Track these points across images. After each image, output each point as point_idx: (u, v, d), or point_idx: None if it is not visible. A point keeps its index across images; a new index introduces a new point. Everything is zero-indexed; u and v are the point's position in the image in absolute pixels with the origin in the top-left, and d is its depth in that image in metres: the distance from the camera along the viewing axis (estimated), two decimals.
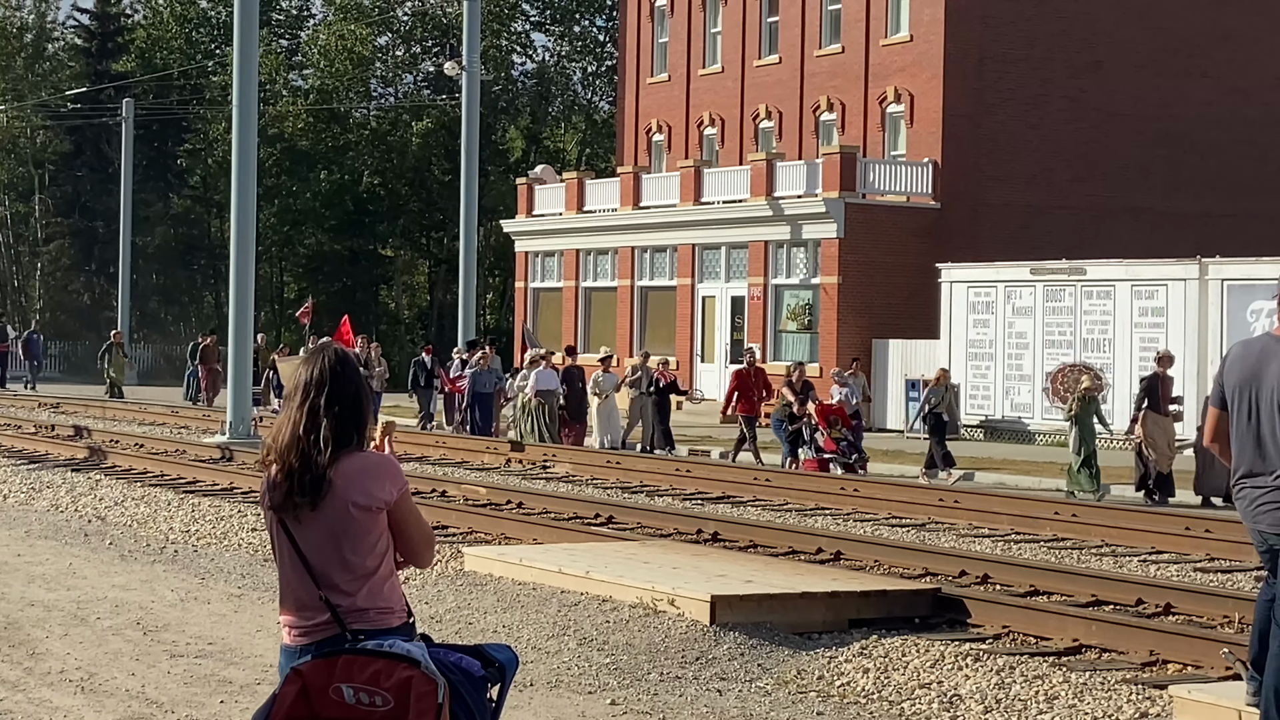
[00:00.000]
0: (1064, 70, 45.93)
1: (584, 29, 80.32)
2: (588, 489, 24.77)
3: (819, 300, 43.57)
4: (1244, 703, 8.70)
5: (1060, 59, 45.88)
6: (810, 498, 22.95)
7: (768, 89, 50.87)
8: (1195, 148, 47.50)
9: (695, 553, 15.29)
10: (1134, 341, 35.15)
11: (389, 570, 5.59)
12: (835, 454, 28.67)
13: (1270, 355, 8.12)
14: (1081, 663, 11.35)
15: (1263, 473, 8.10)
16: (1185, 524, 19.20)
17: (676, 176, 48.84)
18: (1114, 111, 46.54)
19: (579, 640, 11.74)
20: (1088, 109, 46.32)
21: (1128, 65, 46.57)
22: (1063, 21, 45.87)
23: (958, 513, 20.97)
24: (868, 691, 10.60)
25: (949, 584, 14.35)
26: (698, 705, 10.16)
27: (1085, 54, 46.15)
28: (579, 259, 52.39)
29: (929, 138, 44.99)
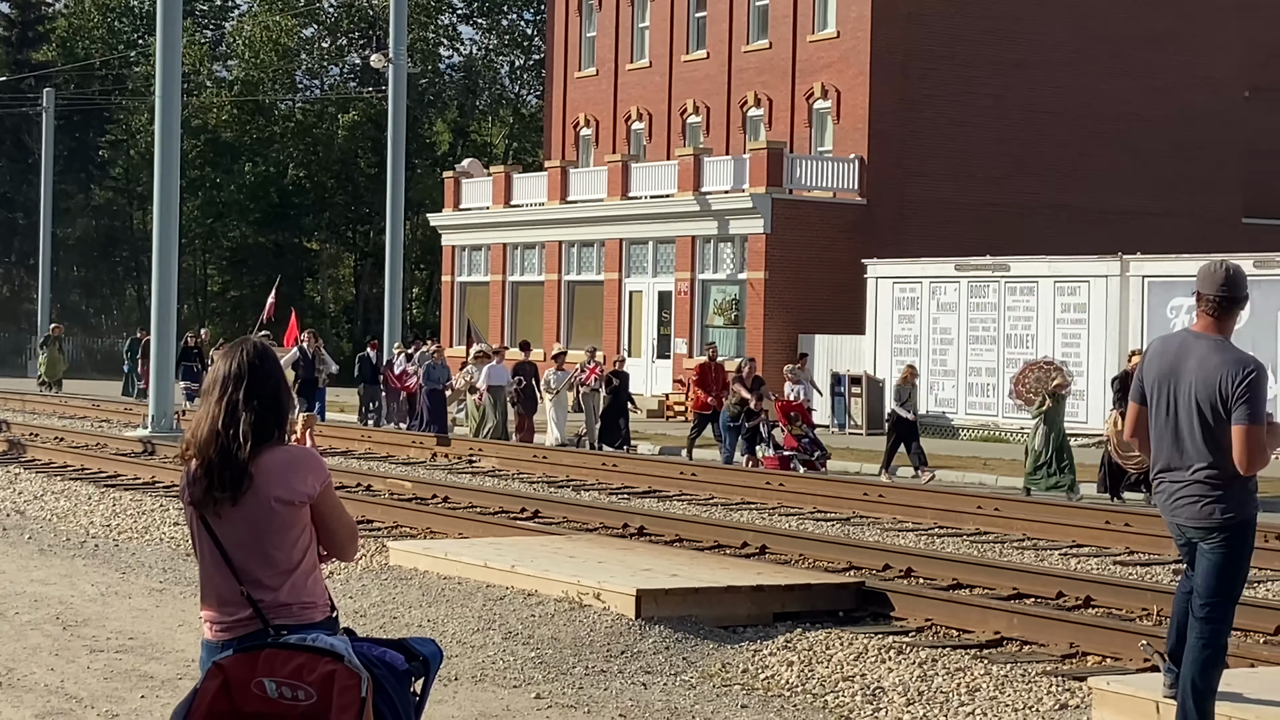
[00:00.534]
0: (989, 68, 46.23)
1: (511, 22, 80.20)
2: (514, 483, 24.74)
3: (745, 295, 43.69)
4: (1161, 694, 8.79)
5: (985, 57, 46.18)
6: (736, 492, 23.01)
7: (695, 84, 50.94)
8: (1117, 146, 47.94)
9: (621, 547, 15.31)
10: (1056, 337, 35.44)
11: (312, 565, 5.56)
12: (796, 451, 28.21)
13: (1188, 351, 8.21)
14: (1003, 655, 11.44)
15: (1180, 467, 8.18)
16: (1105, 518, 19.38)
17: (604, 171, 48.85)
18: (1038, 109, 46.90)
19: (504, 634, 11.73)
20: (1012, 107, 46.65)
21: (1051, 64, 46.94)
22: (988, 20, 46.18)
23: (882, 507, 21.09)
24: (792, 684, 10.65)
25: (873, 578, 14.43)
26: (623, 699, 10.17)
27: (1010, 52, 46.47)
28: (506, 253, 52.30)
29: (855, 134, 45.18)
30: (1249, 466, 7.98)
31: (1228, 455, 7.99)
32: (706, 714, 9.82)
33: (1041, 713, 9.80)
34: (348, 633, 5.51)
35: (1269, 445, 8.06)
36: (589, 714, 9.76)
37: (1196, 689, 8.15)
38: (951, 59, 45.72)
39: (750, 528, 17.99)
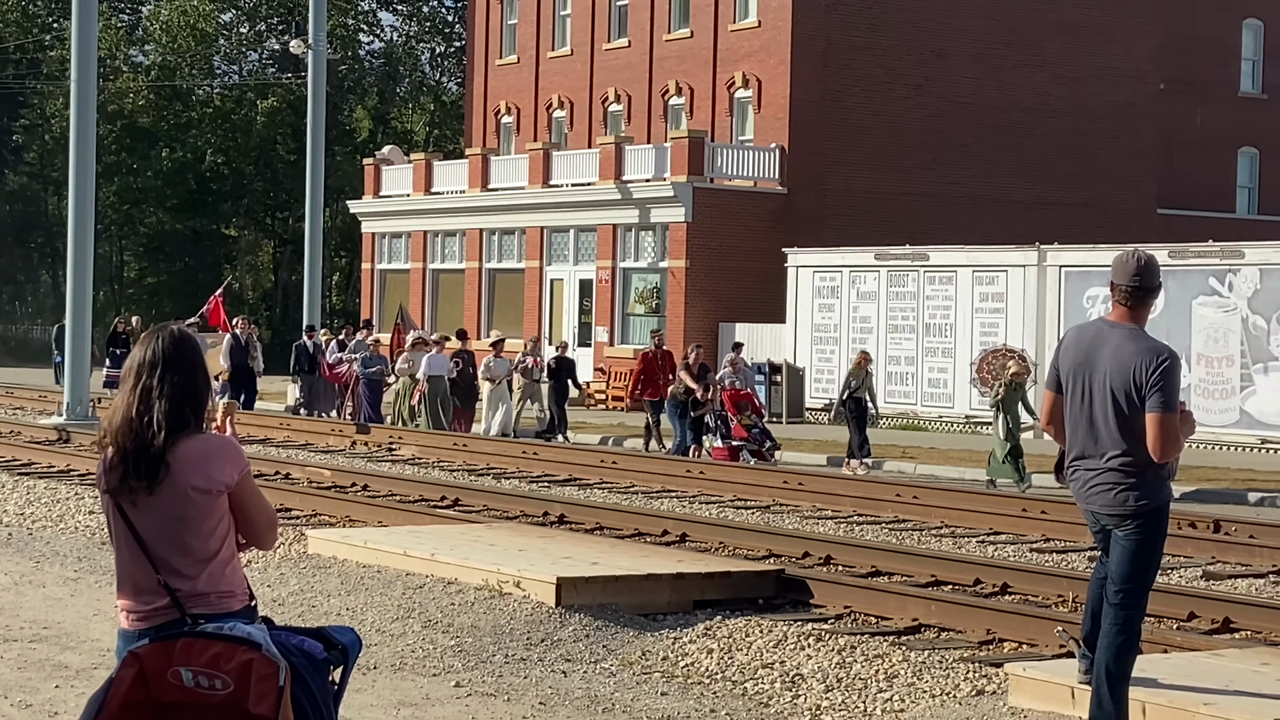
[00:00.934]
0: (908, 59, 46.48)
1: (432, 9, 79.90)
2: (434, 471, 24.68)
3: (667, 284, 43.73)
4: (1076, 680, 8.88)
5: (905, 47, 46.42)
6: (656, 480, 23.04)
7: (617, 72, 50.92)
8: (1035, 137, 48.33)
9: (541, 535, 15.30)
10: (975, 326, 35.70)
11: (230, 553, 5.53)
12: (746, 441, 27.70)
13: (1103, 340, 8.29)
14: (921, 642, 11.52)
15: (1094, 455, 8.27)
16: (1023, 506, 19.54)
17: (525, 159, 48.76)
18: (956, 100, 47.20)
19: (424, 623, 11.70)
20: (931, 97, 46.92)
21: (969, 55, 47.25)
22: (907, 10, 46.41)
23: (801, 495, 21.17)
24: (711, 672, 10.68)
25: (792, 565, 14.48)
26: (542, 687, 10.17)
27: (929, 43, 46.73)
28: (426, 241, 52.13)
29: (776, 123, 45.31)
30: (1162, 454, 8.07)
31: (1142, 443, 8.08)
32: (626, 702, 9.84)
33: (958, 698, 9.88)
34: (266, 621, 5.48)
35: (1182, 433, 8.15)
36: (509, 702, 9.75)
37: (1111, 674, 8.24)
38: (872, 49, 45.93)
39: (671, 516, 18.02)
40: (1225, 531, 17.67)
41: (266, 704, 5.17)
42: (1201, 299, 31.80)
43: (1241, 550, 16.50)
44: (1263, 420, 30.58)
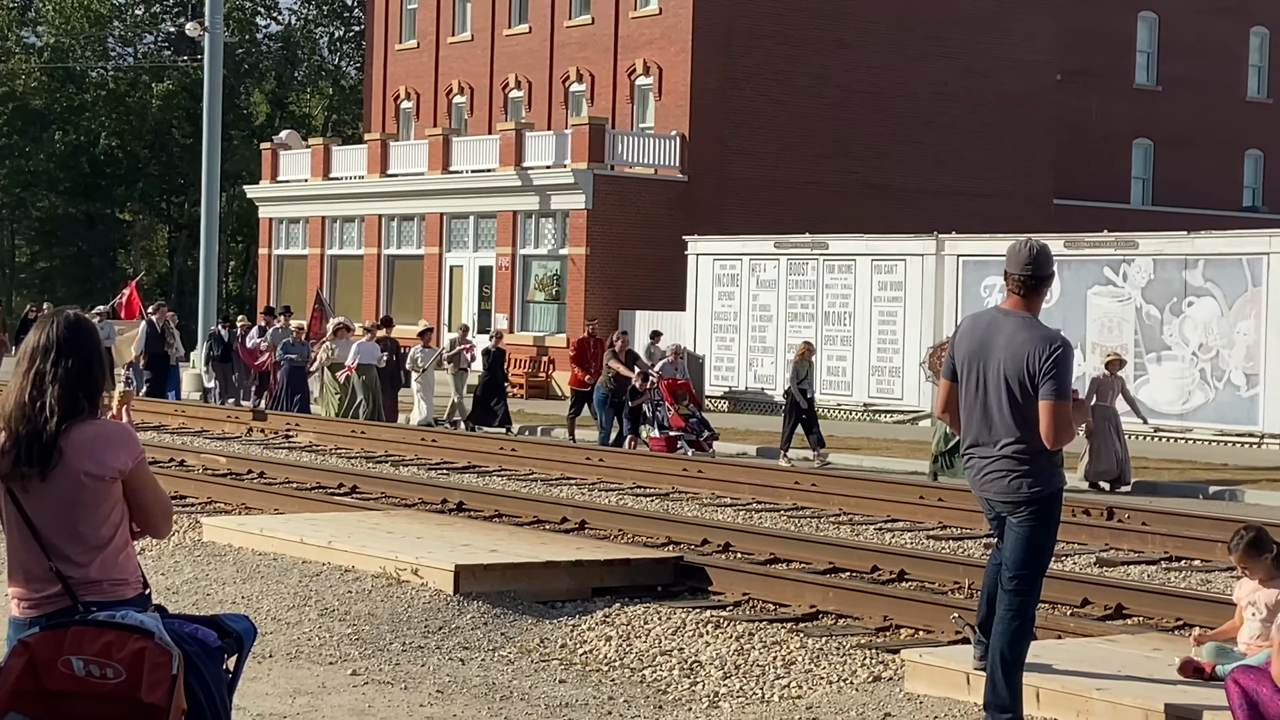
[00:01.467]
0: (809, 47, 46.66)
1: None
2: (331, 459, 24.52)
3: (567, 271, 43.69)
4: (971, 665, 8.95)
5: (806, 36, 46.60)
6: (556, 468, 23.02)
7: (518, 58, 50.77)
8: (933, 127, 48.68)
9: (440, 522, 15.24)
10: (873, 315, 35.92)
11: (124, 541, 5.47)
12: (684, 431, 27.09)
13: (997, 328, 8.36)
14: (818, 628, 11.57)
15: (989, 442, 8.33)
16: (920, 493, 19.69)
17: (425, 145, 48.54)
18: (856, 89, 47.45)
19: (320, 611, 11.62)
20: (831, 86, 47.14)
21: (870, 44, 47.51)
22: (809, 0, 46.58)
23: (701, 482, 21.22)
24: (610, 659, 10.68)
25: (691, 552, 14.51)
26: (440, 674, 10.13)
27: (830, 32, 46.94)
28: (325, 226, 51.79)
29: (677, 111, 45.36)
30: (1055, 441, 8.14)
31: (1035, 430, 8.15)
32: (524, 689, 9.82)
33: (855, 685, 9.93)
34: (159, 609, 5.42)
35: (1074, 421, 8.24)
36: (405, 690, 9.71)
37: (1005, 660, 8.31)
38: (773, 37, 46.07)
39: (570, 503, 18.01)
40: (1118, 519, 17.89)
41: (159, 693, 5.11)
42: (1096, 289, 32.16)
43: (1134, 537, 16.71)
44: (1156, 409, 30.95)
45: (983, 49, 49.44)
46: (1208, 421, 30.61)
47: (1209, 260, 30.89)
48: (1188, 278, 31.11)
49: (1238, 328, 30.33)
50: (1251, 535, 8.66)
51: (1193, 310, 31.00)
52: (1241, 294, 30.34)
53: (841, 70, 47.20)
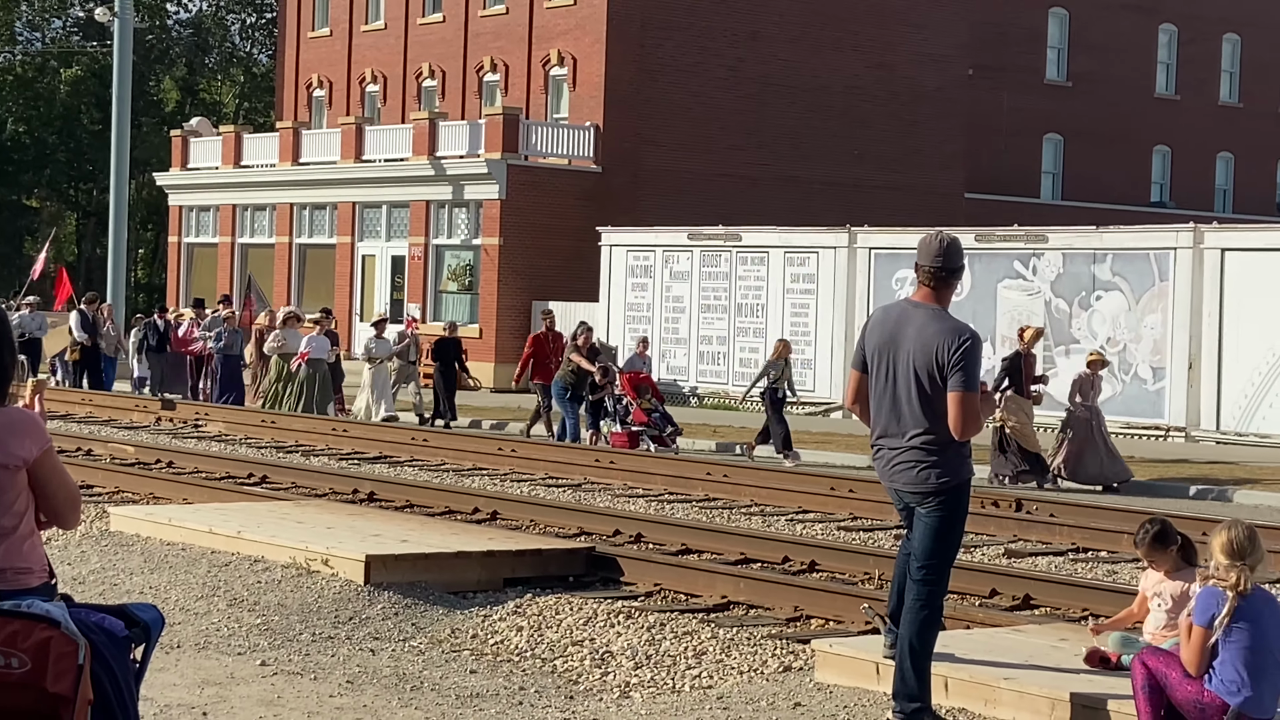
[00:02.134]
0: (724, 39, 46.76)
1: None
2: (241, 448, 24.35)
3: (480, 261, 43.58)
4: (881, 655, 9.01)
5: (720, 28, 46.69)
6: (468, 458, 22.97)
7: (431, 47, 50.58)
8: (846, 119, 48.91)
9: (351, 513, 15.17)
10: (786, 307, 36.06)
11: (29, 530, 5.41)
12: (647, 426, 26.36)
13: (907, 319, 8.41)
14: (729, 619, 11.60)
15: (897, 434, 8.38)
16: (830, 485, 19.79)
17: (337, 133, 48.27)
18: (770, 82, 47.60)
19: (229, 601, 11.54)
20: (745, 78, 47.27)
21: (784, 37, 47.66)
22: None
23: (613, 473, 21.24)
24: (521, 649, 10.67)
25: (603, 543, 14.51)
26: (350, 665, 10.09)
27: (744, 24, 47.05)
28: (235, 215, 51.39)
29: (591, 101, 45.34)
30: (963, 432, 8.21)
31: (943, 421, 8.21)
32: (435, 679, 9.79)
33: (766, 675, 9.97)
34: (65, 599, 5.37)
35: (983, 412, 8.30)
36: (315, 680, 9.66)
37: (914, 649, 8.37)
38: (688, 29, 46.13)
39: (482, 493, 17.97)
40: (1027, 510, 18.05)
41: (65, 682, 5.07)
42: (1006, 282, 32.44)
43: (1042, 529, 16.87)
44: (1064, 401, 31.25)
45: (895, 43, 49.73)
46: (1115, 414, 30.90)
47: (1117, 255, 31.23)
48: (1096, 272, 31.43)
49: (1145, 322, 30.69)
50: (1156, 529, 8.75)
51: (1101, 304, 31.34)
52: (1149, 288, 30.70)
53: (756, 62, 47.34)
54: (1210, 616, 7.70)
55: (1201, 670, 7.75)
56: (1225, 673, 7.66)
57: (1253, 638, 7.65)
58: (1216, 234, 30.57)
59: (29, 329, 35.06)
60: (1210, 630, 7.69)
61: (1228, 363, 29.66)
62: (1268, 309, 29.03)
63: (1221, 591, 7.70)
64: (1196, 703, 7.71)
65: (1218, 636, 7.68)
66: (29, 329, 35.06)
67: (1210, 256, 29.97)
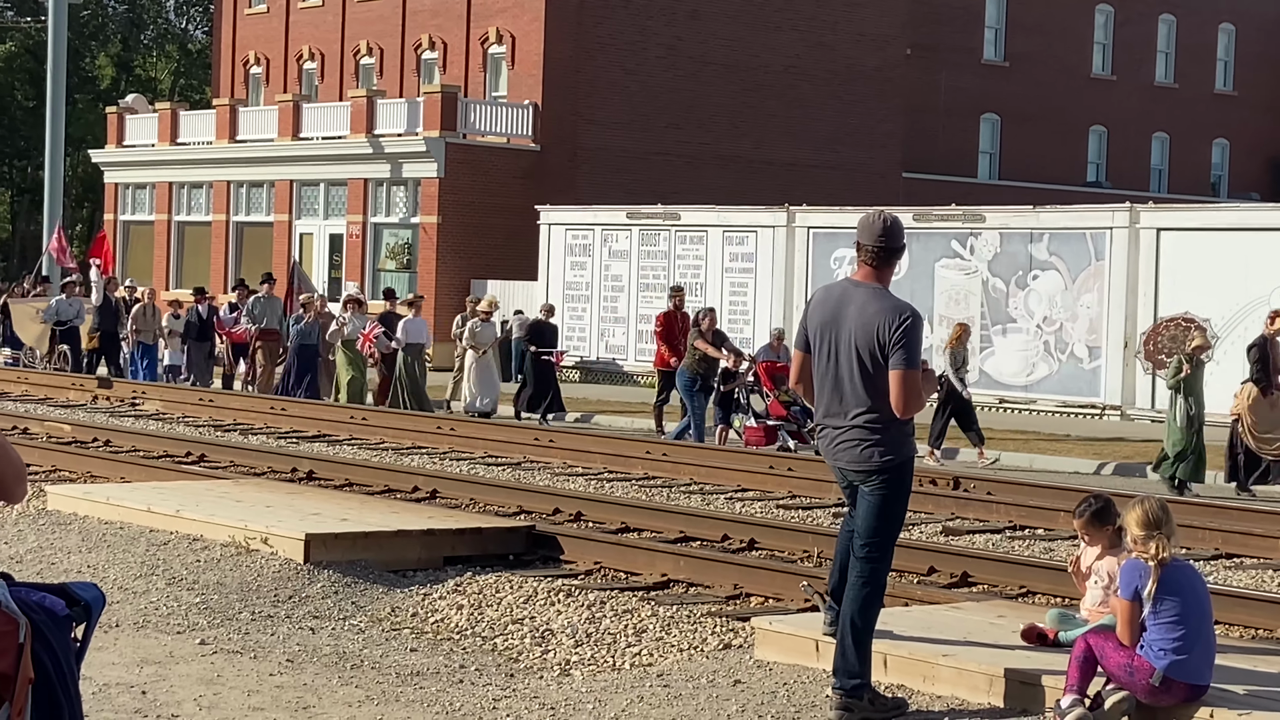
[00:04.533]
0: (662, 18, 46.74)
1: None
2: (179, 427, 24.22)
3: (418, 240, 43.45)
4: (821, 633, 9.06)
5: (658, 7, 46.67)
6: (407, 436, 22.92)
7: (369, 25, 50.34)
8: (784, 99, 48.98)
9: (290, 491, 15.12)
10: (725, 286, 36.12)
11: None
12: (785, 420, 23.89)
13: (849, 299, 8.45)
14: (669, 597, 11.64)
15: (841, 413, 8.42)
16: (770, 463, 19.84)
17: (274, 111, 47.99)
18: (709, 61, 47.62)
19: (168, 580, 11.49)
20: (684, 58, 47.26)
21: (722, 16, 47.68)
22: None
23: (552, 452, 21.23)
24: (461, 627, 10.68)
25: (543, 521, 14.53)
26: (290, 643, 10.07)
27: (683, 3, 47.05)
28: (172, 192, 51.03)
29: (530, 80, 45.24)
30: (905, 410, 8.25)
31: (885, 400, 8.25)
32: (375, 658, 9.78)
33: (706, 652, 10.00)
34: (4, 577, 5.33)
35: (924, 390, 8.35)
36: (255, 659, 9.63)
37: (855, 626, 8.42)
38: (626, 7, 46.09)
39: (421, 472, 17.95)
40: (964, 488, 18.16)
41: (6, 661, 5.04)
42: (944, 261, 32.59)
43: (980, 506, 16.98)
44: (1001, 380, 31.51)
45: (833, 22, 49.82)
46: (1051, 393, 31.19)
47: (1054, 235, 31.43)
48: (1033, 251, 31.62)
49: (1081, 301, 30.90)
50: (1099, 505, 8.83)
51: (1038, 283, 31.54)
52: (1085, 268, 30.90)
53: (694, 41, 47.34)
54: (1134, 589, 7.83)
55: (1134, 641, 7.87)
56: (1155, 642, 7.81)
57: (1180, 606, 7.79)
58: (1152, 214, 30.80)
59: (66, 316, 33.26)
60: (1137, 603, 7.82)
61: None
62: (1203, 288, 29.29)
63: (1144, 563, 7.82)
64: (1126, 666, 7.84)
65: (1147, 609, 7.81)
66: (66, 316, 33.26)
67: (1146, 236, 30.20)
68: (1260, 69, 65.46)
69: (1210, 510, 16.36)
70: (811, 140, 49.39)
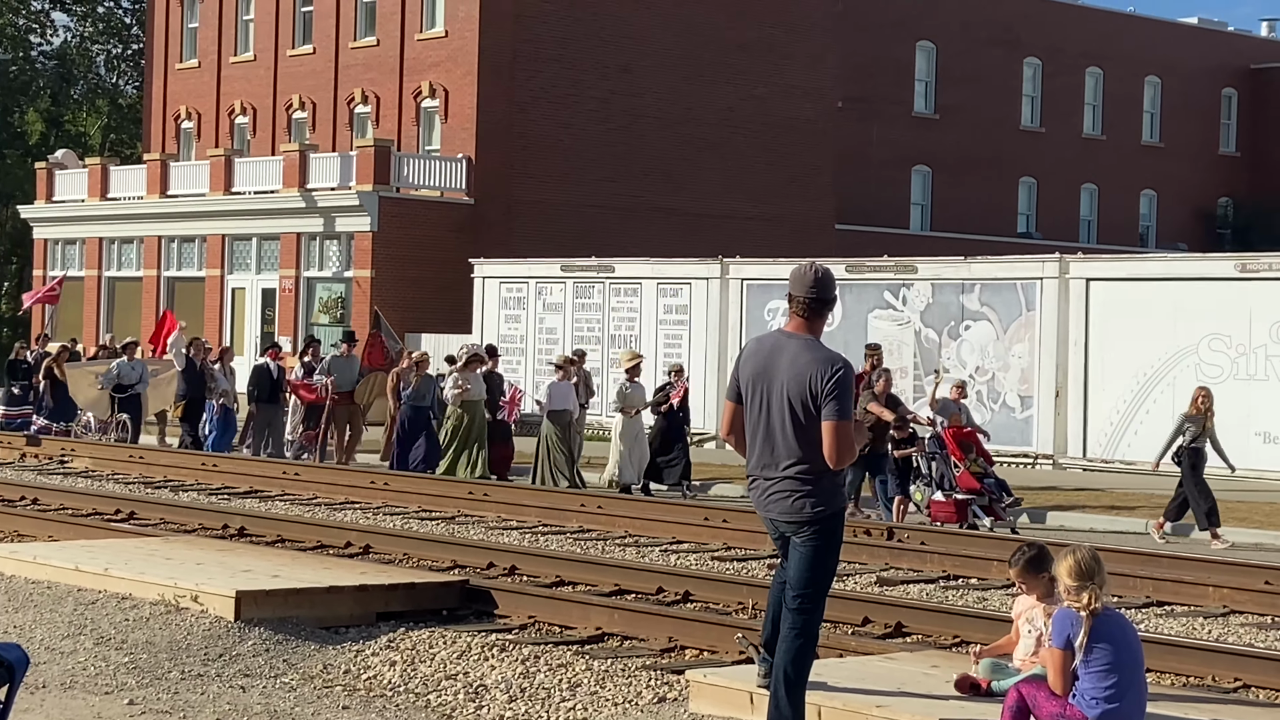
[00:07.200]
0: (595, 72, 46.91)
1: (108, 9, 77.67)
2: (108, 484, 23.98)
3: (352, 293, 43.32)
4: (755, 684, 9.03)
5: (592, 61, 46.83)
6: (340, 492, 22.77)
7: (302, 79, 50.27)
8: (718, 151, 49.22)
9: (221, 548, 14.98)
10: (659, 338, 36.16)
11: None
12: (978, 494, 21.20)
13: (781, 350, 8.45)
14: (604, 650, 11.58)
15: (773, 463, 8.42)
16: (705, 515, 19.83)
17: (206, 165, 47.82)
18: (642, 114, 47.80)
19: (96, 639, 11.35)
20: (617, 111, 47.43)
21: (655, 69, 47.90)
22: (594, 23, 46.84)
23: (486, 506, 21.15)
24: (394, 684, 10.59)
25: (477, 576, 14.45)
26: (220, 703, 9.95)
27: (616, 56, 47.24)
28: (102, 247, 50.72)
29: (463, 134, 45.27)
30: (838, 461, 8.25)
31: (818, 451, 8.25)
32: (307, 716, 9.68)
33: (640, 706, 9.96)
34: None
35: (856, 441, 8.36)
36: (184, 719, 9.51)
37: (789, 678, 8.39)
38: (559, 61, 46.23)
39: (354, 527, 17.83)
40: (899, 538, 18.19)
41: None
42: (877, 312, 32.74)
43: (914, 556, 17.00)
44: None
45: (766, 75, 50.12)
46: None
47: (985, 285, 31.63)
48: (965, 302, 31.81)
49: (1013, 351, 31.09)
50: (1033, 553, 8.85)
51: (970, 333, 31.72)
52: (1016, 318, 31.11)
53: (628, 94, 47.52)
54: (1066, 637, 7.86)
55: (1066, 690, 7.89)
56: (1088, 691, 7.83)
57: (1111, 656, 7.81)
58: (1081, 264, 31.05)
59: (129, 381, 30.43)
60: (1069, 651, 7.84)
61: (1093, 390, 30.11)
62: (1132, 337, 29.52)
63: (1075, 613, 7.84)
64: (1059, 716, 7.87)
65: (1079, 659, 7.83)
66: (129, 381, 30.43)
67: (1075, 286, 30.43)
68: (1186, 120, 66.28)
69: (1141, 558, 16.44)
70: (745, 192, 49.60)
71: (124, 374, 30.47)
